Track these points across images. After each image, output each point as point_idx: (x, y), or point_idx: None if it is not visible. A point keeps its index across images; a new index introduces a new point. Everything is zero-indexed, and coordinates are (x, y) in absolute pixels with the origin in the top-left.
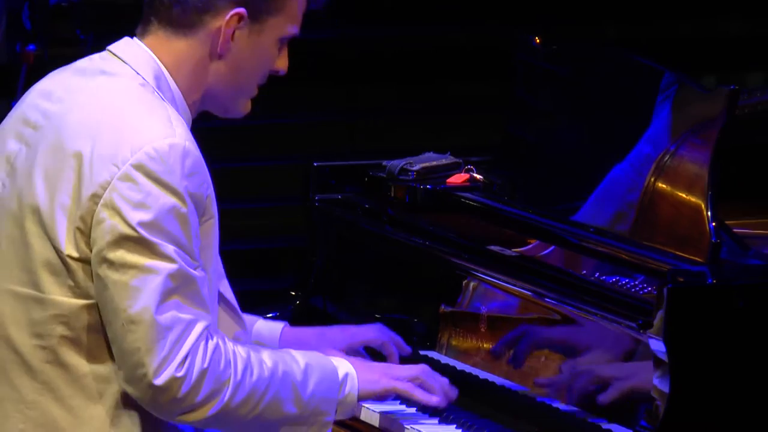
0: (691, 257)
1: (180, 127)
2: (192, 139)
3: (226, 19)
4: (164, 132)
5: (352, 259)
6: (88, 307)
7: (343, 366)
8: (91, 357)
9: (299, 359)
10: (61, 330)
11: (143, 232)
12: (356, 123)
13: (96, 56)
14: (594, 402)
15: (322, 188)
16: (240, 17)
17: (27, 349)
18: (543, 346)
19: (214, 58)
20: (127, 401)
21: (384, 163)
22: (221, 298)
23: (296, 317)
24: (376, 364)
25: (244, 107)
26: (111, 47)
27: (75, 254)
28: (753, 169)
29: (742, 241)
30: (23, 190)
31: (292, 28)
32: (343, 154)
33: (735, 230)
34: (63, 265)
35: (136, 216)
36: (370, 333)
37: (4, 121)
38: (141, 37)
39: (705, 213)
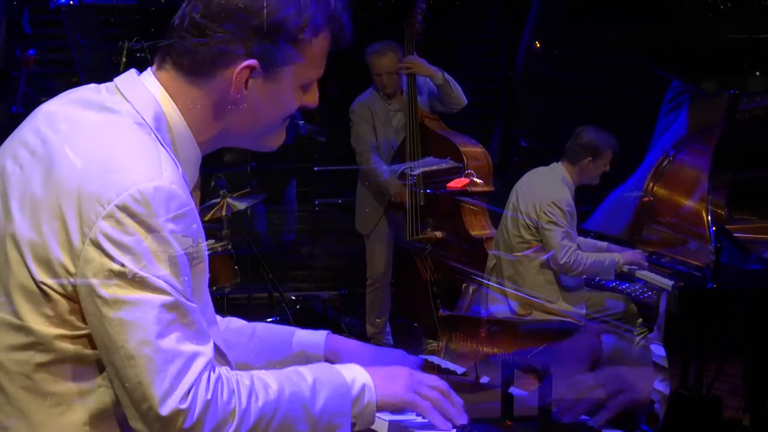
0: (690, 261)
1: (169, 170)
2: (182, 182)
3: (236, 70)
4: (151, 174)
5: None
6: (63, 337)
7: (360, 377)
8: (66, 387)
9: (307, 376)
10: (37, 358)
11: (132, 267)
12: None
13: (103, 87)
14: (594, 405)
15: (322, 192)
16: (251, 69)
17: (4, 374)
18: (542, 350)
19: (229, 104)
20: None
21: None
22: None
23: (296, 321)
24: (400, 372)
25: (274, 141)
26: (118, 80)
27: (58, 288)
28: (753, 173)
29: (742, 246)
30: (9, 213)
31: (314, 72)
32: (343, 158)
33: (735, 234)
34: (40, 293)
35: (123, 256)
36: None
37: (11, 136)
38: (156, 71)
39: (704, 217)
